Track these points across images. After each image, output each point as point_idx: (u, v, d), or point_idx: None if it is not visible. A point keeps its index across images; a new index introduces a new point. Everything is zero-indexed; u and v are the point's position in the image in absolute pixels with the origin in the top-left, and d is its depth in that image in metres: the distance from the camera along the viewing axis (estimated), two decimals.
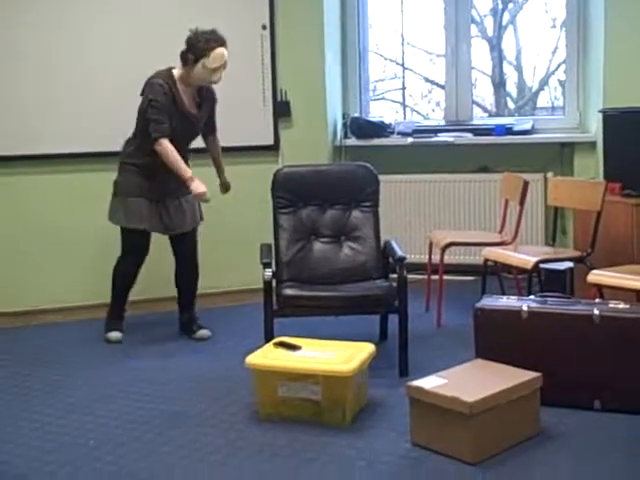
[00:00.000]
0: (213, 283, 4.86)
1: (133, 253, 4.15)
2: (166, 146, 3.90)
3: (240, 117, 4.89)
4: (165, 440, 2.98)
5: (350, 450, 2.86)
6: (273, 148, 4.98)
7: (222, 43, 3.94)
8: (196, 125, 4.10)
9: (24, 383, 3.64)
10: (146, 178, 4.04)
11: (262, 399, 3.16)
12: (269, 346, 3.33)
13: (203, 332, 4.22)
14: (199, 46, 3.90)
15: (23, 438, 3.04)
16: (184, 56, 3.95)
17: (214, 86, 4.12)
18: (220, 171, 4.33)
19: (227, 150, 4.87)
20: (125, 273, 4.19)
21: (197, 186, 3.90)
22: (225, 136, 4.85)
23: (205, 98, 4.12)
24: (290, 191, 3.97)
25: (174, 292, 4.35)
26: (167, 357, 3.95)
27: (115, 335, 4.19)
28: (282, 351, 3.24)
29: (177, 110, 3.97)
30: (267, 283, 3.58)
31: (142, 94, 4.00)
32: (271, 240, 3.93)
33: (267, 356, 3.22)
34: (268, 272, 3.63)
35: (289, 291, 3.62)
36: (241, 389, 3.40)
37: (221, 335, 4.24)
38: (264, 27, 4.94)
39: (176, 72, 4.02)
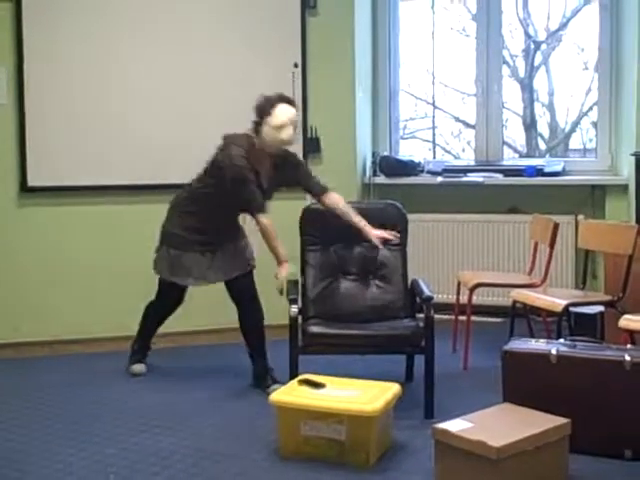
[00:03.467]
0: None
1: (167, 301, 4.11)
2: (267, 224, 3.78)
3: None
4: (186, 476, 2.95)
5: None
6: None
7: (286, 100, 3.79)
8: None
9: (47, 414, 3.63)
10: (198, 231, 3.89)
11: (285, 437, 3.13)
12: (293, 383, 3.30)
13: (276, 386, 3.66)
14: (262, 105, 3.78)
15: (45, 470, 3.03)
16: (254, 125, 3.79)
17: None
18: (360, 230, 3.86)
19: None
20: (156, 315, 4.18)
21: (281, 270, 3.79)
22: None
23: (281, 166, 3.90)
24: (318, 228, 3.96)
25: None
26: (190, 392, 3.92)
27: (139, 368, 4.18)
28: (306, 389, 3.21)
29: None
30: (293, 319, 3.56)
31: (221, 150, 3.83)
32: (298, 276, 3.92)
33: (291, 393, 3.18)
34: (294, 308, 3.61)
35: (315, 328, 3.60)
36: (264, 426, 3.36)
37: (245, 371, 4.21)
38: (296, 65, 4.99)
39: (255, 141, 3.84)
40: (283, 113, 3.75)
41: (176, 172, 4.79)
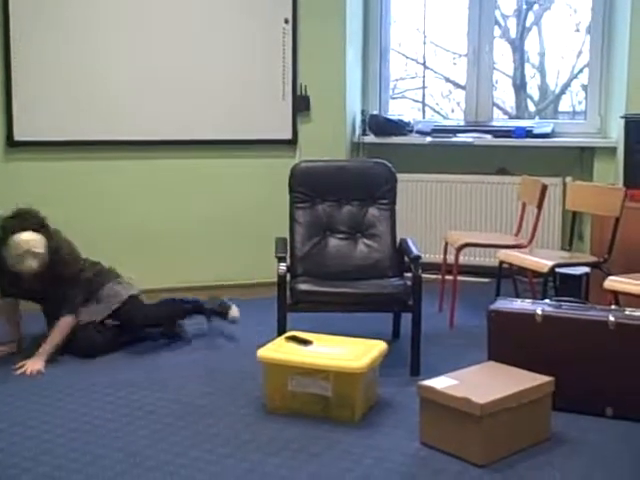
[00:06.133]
0: (227, 276, 4.87)
1: None
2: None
3: (259, 110, 4.91)
4: (173, 430, 2.98)
5: (358, 447, 2.84)
6: (291, 142, 4.98)
7: (25, 227, 3.61)
8: (34, 295, 3.82)
9: (45, 377, 3.59)
10: None
11: (272, 392, 3.16)
12: (280, 340, 3.32)
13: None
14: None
15: (33, 421, 3.05)
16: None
17: None
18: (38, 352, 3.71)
19: (245, 143, 4.92)
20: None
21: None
22: (244, 129, 4.90)
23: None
24: (307, 186, 3.96)
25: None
26: (178, 348, 3.95)
27: None
28: (293, 345, 3.23)
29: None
30: (281, 277, 3.57)
31: None
32: (286, 234, 3.92)
33: (278, 350, 3.21)
34: (282, 266, 3.62)
35: (303, 286, 3.61)
36: (251, 382, 3.39)
37: (233, 328, 4.23)
38: (286, 21, 4.93)
39: None
40: (18, 245, 3.60)
41: (162, 129, 4.78)
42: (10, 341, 3.90)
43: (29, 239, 3.64)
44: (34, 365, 3.63)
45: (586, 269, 4.27)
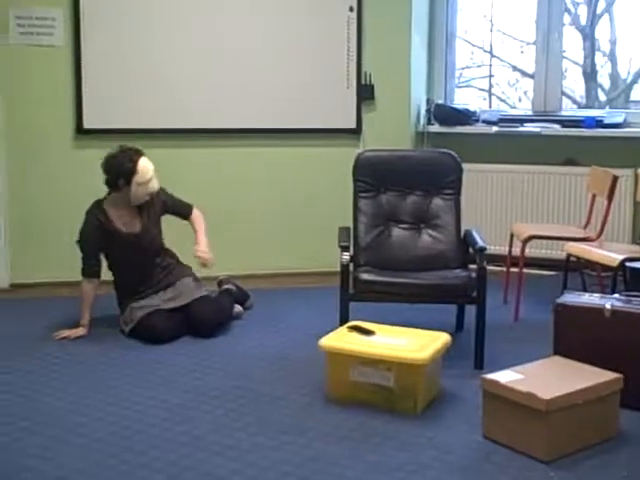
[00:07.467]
0: (291, 264, 4.90)
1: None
2: (83, 286, 4.00)
3: (323, 99, 4.90)
4: (236, 416, 3.01)
5: (420, 439, 2.83)
6: (355, 131, 4.96)
7: (139, 152, 3.87)
8: (142, 242, 3.96)
9: (113, 360, 3.65)
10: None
11: (333, 382, 3.16)
12: (343, 329, 3.32)
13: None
14: (125, 167, 3.80)
15: (100, 403, 3.13)
16: (113, 182, 3.86)
17: None
18: (197, 242, 4.10)
19: (309, 131, 4.92)
20: None
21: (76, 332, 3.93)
22: (308, 117, 4.90)
23: (146, 210, 3.98)
24: (372, 175, 3.94)
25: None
26: (240, 334, 3.98)
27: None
28: (356, 335, 3.23)
29: (114, 237, 3.93)
30: (344, 266, 3.56)
31: None
32: (349, 223, 3.92)
33: (341, 339, 3.21)
34: (346, 255, 3.61)
35: (366, 276, 3.60)
36: (313, 371, 3.39)
37: (296, 316, 4.26)
38: (351, 9, 4.91)
39: (108, 201, 3.95)
40: (147, 166, 3.85)
41: (227, 117, 4.82)
42: (82, 324, 3.97)
43: (148, 162, 3.86)
44: (207, 255, 3.98)
45: None
